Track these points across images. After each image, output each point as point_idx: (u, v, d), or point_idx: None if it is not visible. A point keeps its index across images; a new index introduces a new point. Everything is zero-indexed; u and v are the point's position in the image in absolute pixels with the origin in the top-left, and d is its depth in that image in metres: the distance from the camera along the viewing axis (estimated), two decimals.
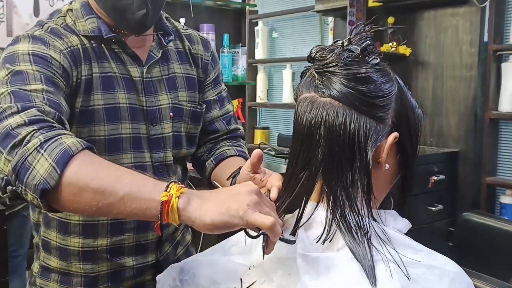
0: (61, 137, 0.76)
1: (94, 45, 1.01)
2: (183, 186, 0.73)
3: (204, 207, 0.70)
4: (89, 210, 0.74)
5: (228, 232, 0.73)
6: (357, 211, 0.73)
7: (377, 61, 0.76)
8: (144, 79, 1.05)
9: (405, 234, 0.77)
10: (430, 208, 2.62)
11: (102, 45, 1.02)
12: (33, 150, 0.74)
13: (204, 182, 1.21)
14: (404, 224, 0.80)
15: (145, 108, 1.05)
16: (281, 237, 0.72)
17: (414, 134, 0.80)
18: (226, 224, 0.69)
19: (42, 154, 0.74)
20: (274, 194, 0.82)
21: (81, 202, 0.73)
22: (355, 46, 0.76)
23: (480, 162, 2.68)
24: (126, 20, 0.99)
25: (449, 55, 2.74)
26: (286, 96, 3.74)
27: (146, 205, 0.71)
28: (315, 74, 0.77)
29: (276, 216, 0.73)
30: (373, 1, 2.75)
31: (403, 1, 2.73)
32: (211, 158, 1.17)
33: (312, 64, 0.79)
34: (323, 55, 0.76)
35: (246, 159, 1.14)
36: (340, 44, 0.78)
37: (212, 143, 1.20)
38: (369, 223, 0.73)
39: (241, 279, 0.81)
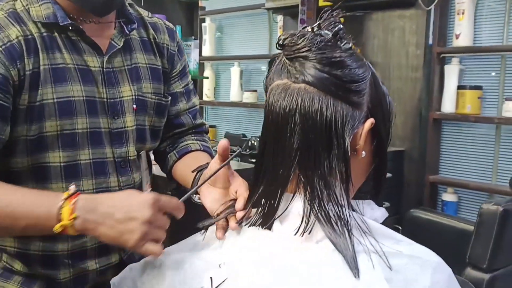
0: None
1: (44, 34, 0.93)
2: (74, 204, 0.78)
3: (99, 230, 0.78)
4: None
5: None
6: (336, 201, 0.70)
7: (350, 45, 0.74)
8: (104, 70, 0.98)
9: None
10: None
11: (55, 33, 0.94)
12: None
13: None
14: (381, 213, 0.78)
15: (105, 100, 0.98)
16: None
17: (388, 120, 0.78)
18: (120, 246, 0.81)
19: None
20: (240, 205, 0.80)
21: None
22: (326, 31, 0.74)
23: (424, 161, 2.77)
24: (90, 1, 0.93)
25: (396, 56, 2.81)
26: (234, 94, 3.71)
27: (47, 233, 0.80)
28: (286, 60, 0.74)
29: (164, 235, 0.79)
30: (324, 1, 2.77)
31: (352, 1, 2.77)
32: (174, 151, 1.12)
33: (281, 52, 0.75)
34: (294, 41, 0.73)
35: (211, 154, 1.11)
36: (310, 30, 0.75)
37: (177, 137, 1.15)
38: (349, 213, 0.70)
39: (211, 278, 0.76)
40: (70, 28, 0.94)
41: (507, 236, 1.48)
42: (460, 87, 2.61)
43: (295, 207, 0.73)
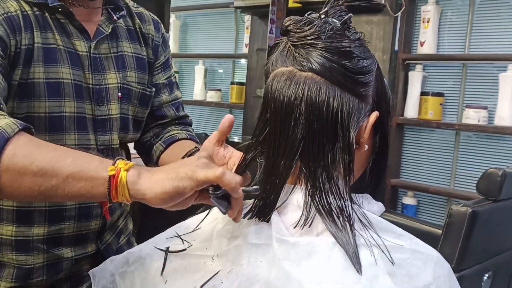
0: None
1: (36, 12, 0.91)
2: (129, 162, 0.67)
3: (153, 177, 0.65)
4: (31, 195, 0.67)
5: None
6: (338, 193, 0.69)
7: (358, 36, 0.73)
8: (91, 55, 0.96)
9: None
10: None
11: (46, 14, 0.92)
12: None
13: None
14: (378, 207, 0.77)
15: (91, 86, 0.96)
16: (243, 188, 0.67)
17: (389, 115, 0.78)
18: (178, 189, 0.63)
19: None
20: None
21: (21, 188, 0.66)
22: (333, 19, 0.72)
23: None
24: None
25: None
26: (198, 92, 3.66)
27: (92, 183, 0.65)
28: (291, 47, 0.72)
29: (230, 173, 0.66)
30: (293, 2, 2.78)
31: (320, 5, 2.78)
32: (160, 142, 1.10)
33: (285, 37, 0.73)
34: (300, 27, 0.71)
35: (198, 143, 1.09)
36: (317, 17, 0.73)
37: (160, 128, 1.12)
38: (351, 207, 0.69)
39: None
40: (59, 9, 0.92)
41: (474, 237, 1.52)
42: (423, 94, 2.67)
43: (294, 198, 0.71)
